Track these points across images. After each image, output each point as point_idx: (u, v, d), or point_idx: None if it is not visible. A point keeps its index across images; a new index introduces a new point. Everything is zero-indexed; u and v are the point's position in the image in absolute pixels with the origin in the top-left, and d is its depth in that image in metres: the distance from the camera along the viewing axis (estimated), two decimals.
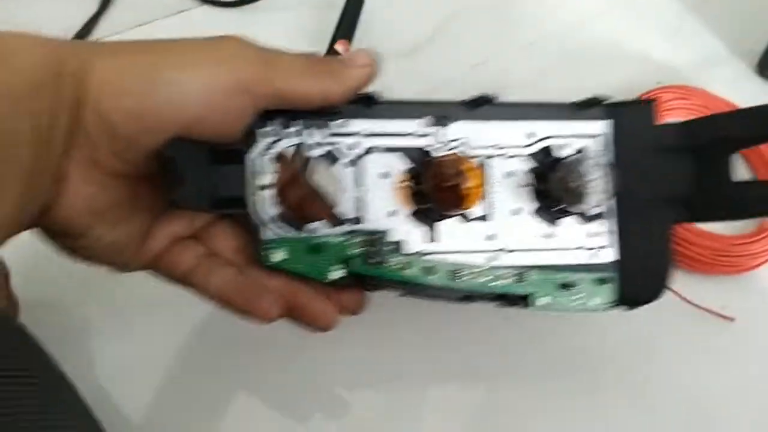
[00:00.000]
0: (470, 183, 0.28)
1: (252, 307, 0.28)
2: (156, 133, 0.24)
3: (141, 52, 0.25)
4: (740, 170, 0.41)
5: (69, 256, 0.27)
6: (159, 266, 0.29)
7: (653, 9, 0.50)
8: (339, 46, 0.44)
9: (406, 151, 0.30)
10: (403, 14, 0.48)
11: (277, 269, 0.29)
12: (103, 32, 0.48)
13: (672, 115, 0.43)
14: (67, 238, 0.26)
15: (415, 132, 0.30)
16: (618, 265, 0.31)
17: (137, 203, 0.27)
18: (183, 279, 0.29)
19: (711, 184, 0.30)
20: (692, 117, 0.39)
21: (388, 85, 0.37)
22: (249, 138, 0.28)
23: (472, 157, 0.30)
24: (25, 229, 0.24)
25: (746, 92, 0.44)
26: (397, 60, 0.43)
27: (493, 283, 0.30)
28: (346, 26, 0.45)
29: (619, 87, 0.44)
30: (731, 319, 0.38)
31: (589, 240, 0.31)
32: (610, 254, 0.31)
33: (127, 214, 0.27)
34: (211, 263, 0.29)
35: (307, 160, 0.29)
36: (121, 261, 0.28)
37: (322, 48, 0.44)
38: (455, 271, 0.30)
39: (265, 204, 0.28)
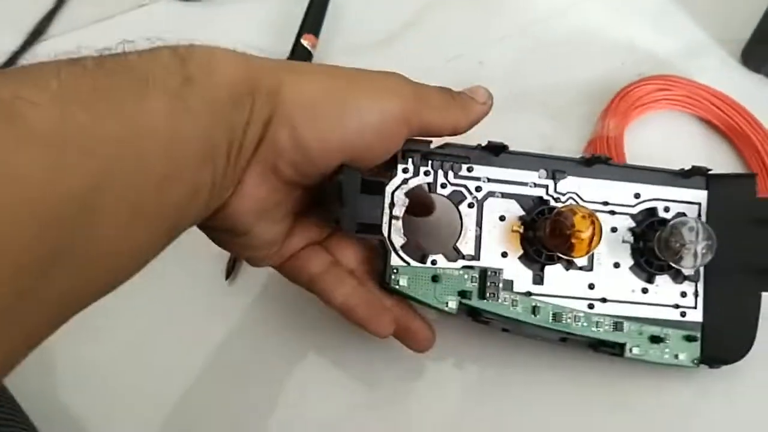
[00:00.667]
0: (586, 233, 0.31)
1: (374, 321, 0.31)
2: (336, 153, 0.27)
3: (330, 77, 0.27)
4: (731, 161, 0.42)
5: (222, 247, 0.30)
6: (289, 267, 0.32)
7: None
8: (305, 41, 0.42)
9: (522, 198, 0.33)
10: (373, 6, 0.46)
11: (398, 293, 0.31)
12: (60, 28, 0.46)
13: (656, 107, 0.42)
14: (229, 234, 0.28)
15: (532, 182, 0.33)
16: (700, 326, 0.34)
17: (291, 207, 0.30)
18: (309, 283, 0.32)
19: None
20: (676, 109, 0.41)
21: None
22: (388, 171, 0.31)
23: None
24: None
25: (731, 82, 0.43)
26: (367, 54, 0.43)
27: (593, 329, 0.33)
28: (313, 20, 0.43)
29: (600, 79, 0.43)
30: None
31: (680, 299, 0.34)
32: (696, 315, 0.34)
33: (282, 215, 0.29)
34: (338, 272, 0.32)
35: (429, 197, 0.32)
36: (262, 256, 0.31)
37: (287, 42, 0.42)
38: (558, 314, 0.32)
39: (398, 233, 0.31)
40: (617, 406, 0.35)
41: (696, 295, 0.34)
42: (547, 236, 0.31)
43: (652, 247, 0.33)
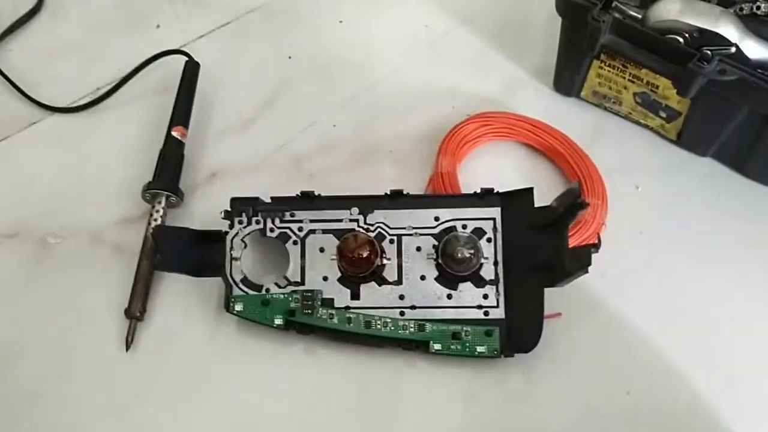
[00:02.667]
0: (365, 253, 0.38)
1: None
2: None
3: None
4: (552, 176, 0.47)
5: None
6: None
7: (454, 50, 0.54)
8: (175, 132, 0.47)
9: (337, 232, 0.41)
10: (235, 91, 0.52)
11: (237, 315, 0.40)
12: None
13: (481, 141, 0.47)
14: None
15: (346, 218, 0.41)
16: (503, 322, 0.39)
17: None
18: None
19: (560, 252, 0.38)
20: (499, 139, 0.47)
21: (232, 157, 0.48)
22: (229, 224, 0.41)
23: (384, 236, 0.41)
24: None
25: (548, 108, 0.49)
26: (236, 134, 0.50)
27: (400, 332, 0.40)
28: (180, 113, 0.48)
29: (434, 124, 0.49)
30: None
31: (482, 300, 0.40)
32: (498, 312, 0.40)
33: None
34: None
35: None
36: None
37: (162, 136, 0.47)
38: (368, 322, 0.40)
39: (237, 270, 0.41)
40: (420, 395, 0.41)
41: (497, 295, 0.40)
42: (343, 262, 0.39)
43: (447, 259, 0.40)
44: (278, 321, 0.40)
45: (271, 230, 0.41)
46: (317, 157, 0.48)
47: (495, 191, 0.41)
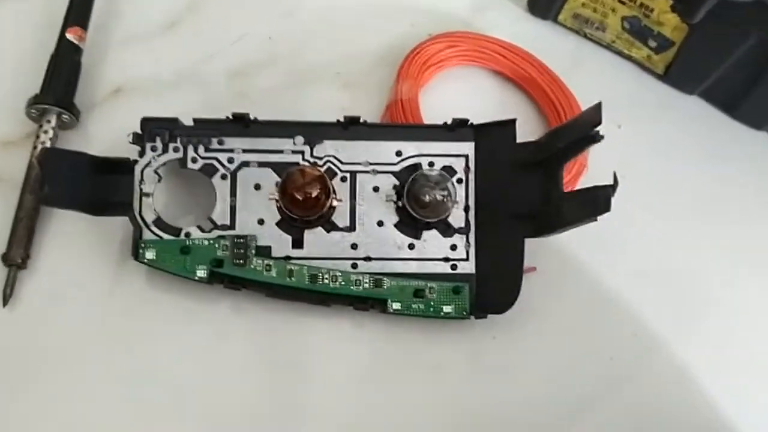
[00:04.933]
0: (315, 192, 0.31)
1: None
2: None
3: None
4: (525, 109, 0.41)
5: None
6: None
7: None
8: (70, 35, 0.38)
9: (278, 166, 0.33)
10: None
11: (148, 265, 0.32)
12: None
13: (446, 64, 0.41)
14: None
15: (287, 149, 0.34)
16: (473, 278, 0.33)
17: None
18: None
19: (551, 199, 0.32)
20: (467, 64, 0.41)
21: (143, 70, 0.40)
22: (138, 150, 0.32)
23: (335, 172, 0.33)
24: None
25: (521, 31, 0.42)
26: (149, 42, 0.41)
27: (352, 288, 0.33)
28: (77, 11, 0.39)
29: (392, 44, 0.42)
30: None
31: (449, 252, 0.33)
32: (468, 267, 0.33)
33: None
34: None
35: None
36: None
37: (54, 39, 0.38)
38: (314, 276, 0.33)
39: (149, 209, 0.32)
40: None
41: (468, 246, 0.34)
42: (286, 202, 0.32)
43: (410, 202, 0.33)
44: (201, 273, 0.32)
45: (194, 160, 0.33)
46: (250, 75, 0.40)
47: (469, 122, 0.34)
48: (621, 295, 0.37)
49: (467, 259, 0.33)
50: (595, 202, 0.29)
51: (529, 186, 0.33)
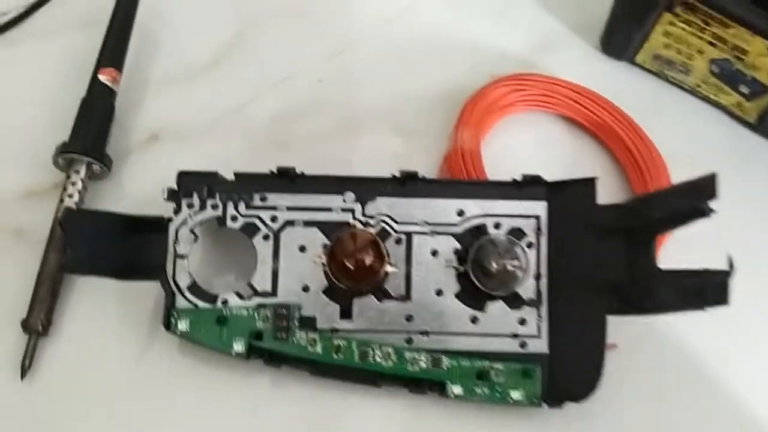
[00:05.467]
0: (368, 259, 0.27)
1: None
2: None
3: None
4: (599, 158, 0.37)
5: None
6: None
7: None
8: (103, 76, 0.35)
9: (326, 227, 0.30)
10: (188, 27, 0.40)
11: (181, 338, 0.29)
12: None
13: (511, 110, 0.37)
14: None
15: (336, 207, 0.30)
16: (547, 358, 0.29)
17: None
18: None
19: (641, 274, 0.27)
20: (534, 109, 0.37)
21: (180, 115, 0.37)
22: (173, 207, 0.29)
23: (388, 234, 0.30)
24: None
25: (593, 73, 0.39)
26: (188, 83, 0.38)
27: (409, 368, 0.29)
28: (111, 52, 0.36)
29: (450, 88, 0.38)
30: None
31: (518, 327, 0.29)
32: (540, 345, 0.29)
33: None
34: None
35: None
36: None
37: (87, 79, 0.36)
38: (364, 352, 0.29)
39: (184, 272, 0.29)
40: None
41: (539, 321, 0.30)
42: (335, 269, 0.28)
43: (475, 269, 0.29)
44: (238, 347, 0.29)
45: (234, 219, 0.30)
46: (294, 121, 0.37)
47: (541, 179, 0.31)
48: (712, 371, 0.32)
49: (539, 336, 0.29)
50: (704, 289, 0.24)
51: (611, 254, 0.29)
